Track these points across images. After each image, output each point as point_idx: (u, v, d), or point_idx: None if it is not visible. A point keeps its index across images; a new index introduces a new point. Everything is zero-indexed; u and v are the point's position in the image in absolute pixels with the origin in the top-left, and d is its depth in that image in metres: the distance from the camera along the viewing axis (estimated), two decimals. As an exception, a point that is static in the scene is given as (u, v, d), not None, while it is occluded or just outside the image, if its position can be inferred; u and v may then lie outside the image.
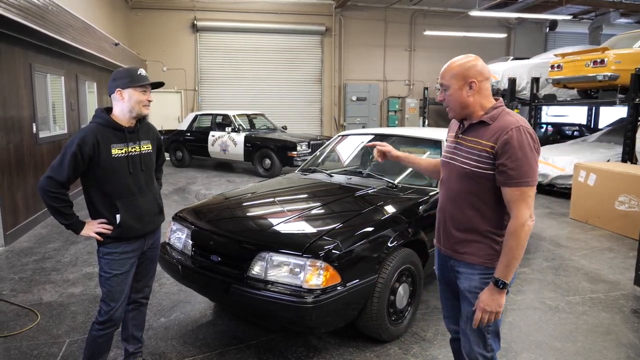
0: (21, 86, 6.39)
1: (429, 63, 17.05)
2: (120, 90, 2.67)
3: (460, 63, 2.13)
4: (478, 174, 2.10)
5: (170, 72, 15.21)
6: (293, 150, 10.70)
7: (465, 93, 2.12)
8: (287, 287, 3.03)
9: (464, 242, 2.22)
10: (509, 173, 2.00)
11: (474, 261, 2.19)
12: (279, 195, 4.34)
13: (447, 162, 2.28)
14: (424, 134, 4.93)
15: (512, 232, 2.02)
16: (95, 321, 2.79)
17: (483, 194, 2.13)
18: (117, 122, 2.71)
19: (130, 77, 2.67)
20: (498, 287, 2.05)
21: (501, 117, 2.10)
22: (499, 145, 2.02)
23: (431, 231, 3.93)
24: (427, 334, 3.71)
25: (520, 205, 2.01)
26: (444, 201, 2.31)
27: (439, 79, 2.23)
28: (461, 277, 2.26)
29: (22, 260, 5.35)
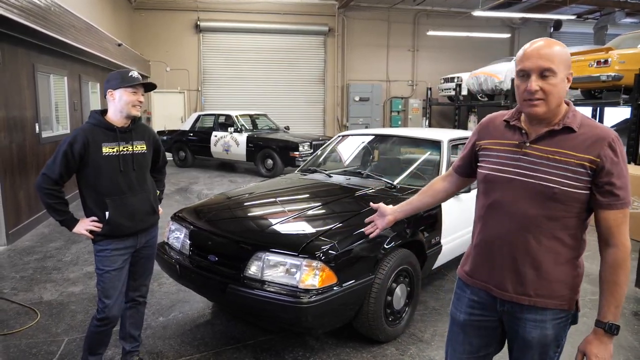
0: (24, 86, 6.43)
1: (432, 63, 17.09)
2: (111, 91, 2.76)
3: (564, 48, 1.69)
4: (569, 194, 1.67)
5: (174, 72, 15.29)
6: (295, 150, 10.71)
7: (565, 87, 1.69)
8: (283, 287, 3.03)
9: (537, 282, 1.77)
10: (616, 193, 1.64)
11: (546, 305, 1.77)
12: (278, 195, 4.35)
13: (509, 180, 1.78)
14: (424, 135, 4.92)
15: (620, 263, 1.66)
16: (94, 317, 2.85)
17: (568, 219, 1.71)
18: (110, 122, 2.79)
19: (120, 78, 2.74)
20: (612, 334, 1.68)
21: (587, 124, 1.71)
22: (606, 160, 1.63)
23: (431, 232, 3.95)
24: (424, 335, 3.70)
25: (623, 230, 1.67)
26: (505, 230, 1.80)
27: (535, 61, 1.66)
28: (527, 326, 1.80)
29: (24, 259, 5.38)
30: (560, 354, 1.88)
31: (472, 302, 1.93)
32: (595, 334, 1.71)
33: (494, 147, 1.84)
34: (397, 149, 5.56)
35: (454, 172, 2.15)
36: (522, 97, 1.71)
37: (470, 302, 1.94)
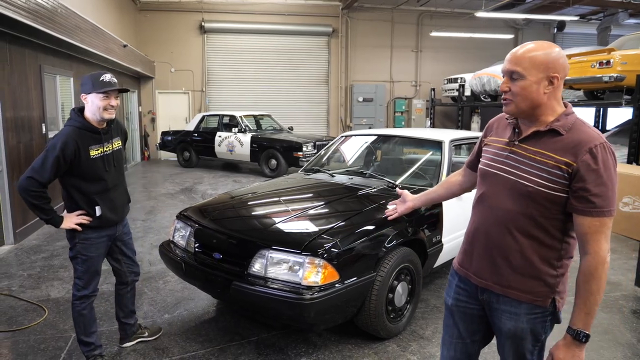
0: (31, 87, 6.52)
1: (435, 64, 17.12)
2: (84, 95, 2.85)
3: (546, 51, 1.70)
4: (544, 194, 1.72)
5: (178, 73, 15.36)
6: (299, 150, 10.76)
7: (542, 89, 1.71)
8: (286, 284, 3.09)
9: (511, 274, 1.83)
10: (591, 200, 1.64)
11: (521, 298, 1.82)
12: (281, 194, 4.41)
13: (494, 174, 1.87)
14: (425, 135, 4.97)
15: (591, 272, 1.66)
16: (74, 299, 3.05)
17: (545, 219, 1.75)
18: (92, 125, 2.90)
19: (92, 83, 2.81)
20: (579, 341, 1.69)
21: (578, 128, 1.71)
22: (582, 165, 1.64)
23: (432, 230, 4.00)
24: (425, 332, 3.75)
25: (599, 238, 1.66)
26: (486, 222, 1.90)
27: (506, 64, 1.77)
28: (502, 316, 1.88)
29: (31, 258, 5.46)
30: (542, 350, 1.92)
31: (459, 289, 2.04)
32: (564, 340, 1.73)
33: (492, 144, 1.94)
34: (400, 149, 5.61)
35: (466, 167, 2.29)
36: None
37: (457, 289, 2.05)
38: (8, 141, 5.80)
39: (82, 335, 3.15)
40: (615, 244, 6.19)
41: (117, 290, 3.42)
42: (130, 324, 3.48)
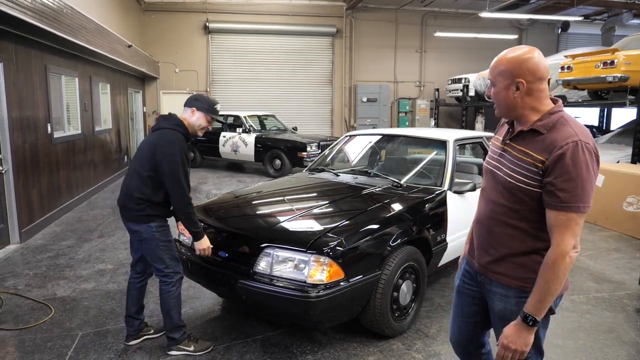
0: (36, 87, 6.55)
1: (439, 64, 17.11)
2: (195, 109, 3.29)
3: (510, 57, 1.83)
4: (522, 189, 1.82)
5: (183, 73, 15.38)
6: (303, 151, 10.76)
7: (511, 93, 1.84)
8: (292, 282, 3.10)
9: (500, 261, 1.96)
10: (557, 194, 1.71)
11: (509, 283, 1.93)
12: (286, 193, 4.42)
13: (490, 171, 2.01)
14: (430, 135, 4.98)
15: (550, 262, 1.73)
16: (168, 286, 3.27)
17: (526, 212, 1.85)
18: (189, 135, 3.29)
19: (208, 105, 3.32)
20: (527, 324, 1.76)
21: (558, 127, 1.79)
22: (550, 161, 1.73)
23: (437, 229, 4.01)
24: (430, 330, 3.76)
25: (564, 232, 1.71)
26: (483, 213, 2.05)
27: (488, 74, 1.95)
28: (494, 297, 2.01)
29: (37, 257, 5.48)
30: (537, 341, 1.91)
31: (465, 272, 2.23)
32: (514, 322, 1.82)
33: (494, 142, 2.09)
34: (404, 148, 5.62)
35: None
36: None
37: (463, 271, 2.24)
38: (14, 141, 5.83)
39: (178, 320, 3.33)
40: (619, 243, 6.18)
41: (134, 282, 3.49)
42: (140, 319, 3.53)
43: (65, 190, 7.58)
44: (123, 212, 3.28)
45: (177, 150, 3.09)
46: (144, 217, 3.19)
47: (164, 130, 3.19)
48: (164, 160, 3.09)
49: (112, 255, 5.56)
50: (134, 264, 3.50)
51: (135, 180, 3.19)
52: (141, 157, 3.21)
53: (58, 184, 7.30)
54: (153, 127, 3.34)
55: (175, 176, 3.08)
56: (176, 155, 3.08)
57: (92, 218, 7.36)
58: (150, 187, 3.16)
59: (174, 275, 3.28)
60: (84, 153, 8.59)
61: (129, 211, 3.23)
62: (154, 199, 3.18)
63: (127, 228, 3.31)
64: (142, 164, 3.18)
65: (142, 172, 3.16)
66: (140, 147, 3.29)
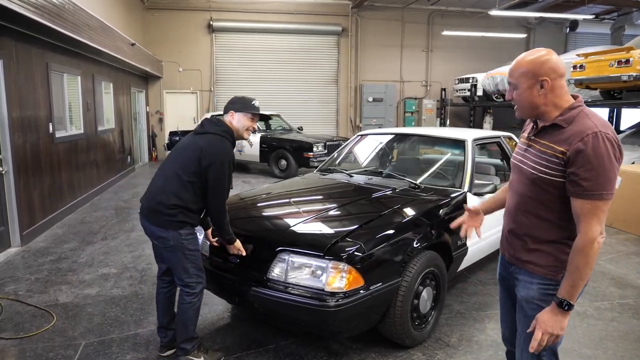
0: (38, 86, 6.38)
1: (446, 64, 16.91)
2: (232, 112, 3.12)
3: (530, 59, 1.94)
4: (545, 180, 1.93)
5: (186, 72, 15.22)
6: (309, 151, 10.62)
7: (535, 92, 1.93)
8: (309, 290, 2.92)
9: (527, 250, 2.07)
10: (581, 184, 1.81)
11: (535, 271, 2.04)
12: (299, 195, 4.24)
13: (516, 165, 2.13)
14: (448, 134, 4.79)
15: (579, 249, 1.83)
16: (190, 297, 3.05)
17: (550, 202, 1.96)
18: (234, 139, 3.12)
19: (244, 104, 3.14)
20: (562, 309, 1.86)
21: (578, 120, 1.89)
22: (572, 152, 1.83)
23: (457, 233, 3.82)
24: (451, 339, 3.59)
25: (590, 219, 1.81)
26: (510, 206, 2.18)
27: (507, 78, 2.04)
28: (519, 285, 2.13)
29: (38, 261, 5.31)
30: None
31: (501, 266, 2.35)
32: (550, 308, 1.90)
33: (521, 140, 2.19)
34: (419, 148, 5.44)
35: None
36: None
37: (500, 266, 2.35)
38: (14, 141, 5.65)
39: (192, 332, 3.14)
40: (637, 246, 6.01)
41: (163, 291, 3.30)
42: (174, 329, 3.29)
43: (67, 191, 7.41)
44: (150, 215, 3.03)
45: (227, 159, 2.95)
46: (175, 223, 2.96)
47: (212, 135, 3.02)
48: (211, 168, 2.92)
49: (116, 258, 5.38)
50: (161, 274, 3.29)
51: (174, 184, 2.98)
52: (184, 160, 3.01)
53: (60, 185, 7.13)
54: (197, 130, 3.13)
55: (220, 187, 2.95)
56: (225, 164, 2.94)
57: (95, 220, 7.19)
58: (191, 193, 2.97)
59: (196, 285, 3.07)
60: (86, 153, 8.42)
61: (158, 215, 2.99)
62: (190, 205, 2.99)
63: (149, 232, 3.08)
64: (184, 167, 2.97)
65: (183, 176, 2.95)
66: (182, 149, 3.09)
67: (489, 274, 4.91)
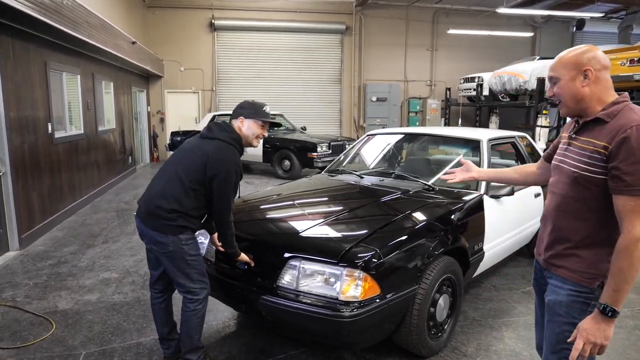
0: (36, 85, 6.21)
1: (451, 63, 16.72)
2: (242, 118, 2.95)
3: (571, 53, 1.89)
4: (587, 178, 1.83)
5: (188, 72, 15.04)
6: (313, 151, 10.45)
7: (579, 83, 1.85)
8: (321, 299, 2.76)
9: (564, 255, 1.95)
10: (623, 179, 1.70)
11: (568, 277, 1.92)
12: (307, 197, 4.07)
13: (557, 166, 2.03)
14: (461, 134, 4.62)
15: (623, 249, 1.71)
16: (194, 304, 2.90)
17: (592, 202, 1.84)
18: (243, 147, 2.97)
19: (255, 109, 2.97)
20: (605, 315, 1.71)
21: (622, 115, 1.80)
22: (614, 145, 1.73)
23: (474, 237, 3.66)
24: (468, 348, 3.42)
25: (634, 218, 1.69)
26: (549, 208, 2.05)
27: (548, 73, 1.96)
28: (548, 289, 2.02)
29: (37, 265, 5.14)
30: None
31: (535, 270, 2.21)
32: (592, 315, 1.77)
33: (562, 140, 2.07)
34: (432, 149, 5.26)
35: (543, 159, 2.32)
36: None
37: (535, 270, 2.22)
38: (12, 141, 5.48)
39: (198, 341, 2.99)
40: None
41: (157, 302, 3.13)
42: (176, 338, 3.14)
43: (67, 192, 7.25)
44: (147, 218, 2.85)
45: (233, 169, 2.80)
46: (174, 228, 2.79)
47: (220, 142, 2.85)
48: (217, 178, 2.77)
49: (117, 262, 5.21)
50: (153, 282, 3.11)
51: (175, 188, 2.80)
52: (188, 165, 2.84)
53: (60, 186, 6.97)
54: (204, 134, 2.96)
55: (225, 197, 2.81)
56: (231, 174, 2.79)
57: (95, 222, 7.03)
58: (192, 200, 2.81)
59: (200, 291, 2.91)
60: (87, 154, 8.25)
61: (155, 219, 2.80)
62: (191, 212, 2.83)
63: (145, 237, 2.90)
64: (188, 173, 2.80)
65: (186, 182, 2.79)
66: (187, 152, 2.93)
67: (503, 279, 4.74)
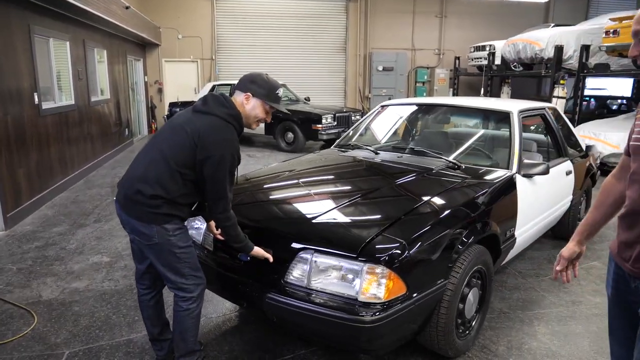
0: (19, 51, 5.72)
1: (460, 31, 16.09)
2: (249, 95, 2.51)
3: None
4: None
5: (186, 40, 14.57)
6: (318, 123, 10.03)
7: None
8: (337, 299, 2.36)
9: None
10: None
11: None
12: (318, 176, 3.64)
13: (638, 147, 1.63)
14: (489, 105, 4.17)
15: None
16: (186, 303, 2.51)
17: None
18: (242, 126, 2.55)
19: (268, 90, 2.54)
20: None
21: None
22: None
23: (506, 223, 3.24)
24: (498, 347, 3.05)
25: None
26: (636, 201, 1.61)
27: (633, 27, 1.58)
28: None
29: (23, 247, 4.76)
30: None
31: (616, 276, 1.78)
32: None
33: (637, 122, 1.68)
34: (453, 121, 4.81)
35: (625, 155, 1.82)
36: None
37: (614, 276, 1.79)
38: (-6, 113, 5.04)
39: (193, 344, 2.60)
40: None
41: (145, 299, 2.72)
42: (169, 338, 2.76)
43: (58, 167, 6.82)
44: (127, 205, 2.41)
45: (229, 152, 2.35)
46: (158, 217, 2.35)
47: (215, 119, 2.39)
48: (208, 162, 2.32)
49: (109, 244, 4.82)
50: (139, 277, 2.69)
51: (159, 170, 2.34)
52: (175, 144, 2.36)
53: (50, 161, 6.53)
54: (197, 107, 2.48)
55: (220, 184, 2.36)
56: (226, 157, 2.34)
57: (89, 199, 6.62)
58: (180, 186, 2.37)
59: (194, 288, 2.50)
60: (79, 126, 7.79)
61: (136, 205, 2.36)
62: (178, 199, 2.40)
63: (127, 226, 2.46)
64: (174, 153, 2.34)
65: (172, 165, 2.33)
66: (175, 128, 2.43)
67: (527, 264, 4.38)
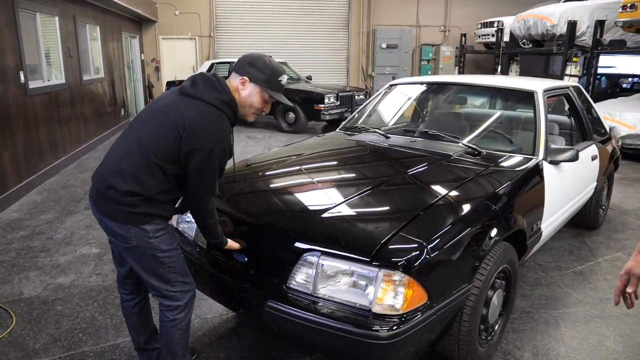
0: (1, 27, 5.34)
1: (467, 7, 15.61)
2: (246, 79, 2.16)
3: None
4: None
5: (183, 16, 14.22)
6: (320, 102, 9.69)
7: None
8: (348, 310, 2.05)
9: None
10: None
11: None
12: (323, 163, 3.31)
13: None
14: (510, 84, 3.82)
15: None
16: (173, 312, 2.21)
17: None
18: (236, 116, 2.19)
19: (268, 76, 2.17)
20: None
21: None
22: None
23: (533, 215, 2.92)
24: (523, 353, 2.77)
25: None
26: None
27: None
28: None
29: (7, 237, 4.46)
30: None
31: None
32: None
33: None
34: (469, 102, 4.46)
35: None
36: None
37: None
38: (-25, 92, 4.69)
39: (182, 357, 2.31)
40: None
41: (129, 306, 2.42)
42: (157, 347, 2.47)
43: (47, 150, 6.49)
44: (99, 202, 2.08)
45: (220, 144, 2.03)
46: (135, 217, 2.03)
47: (206, 105, 2.05)
48: (196, 155, 1.99)
49: (98, 234, 4.52)
50: (121, 281, 2.37)
51: (135, 161, 2.02)
52: (156, 133, 2.02)
53: (39, 144, 6.20)
54: (185, 89, 2.14)
55: (207, 180, 2.06)
56: (216, 152, 2.02)
57: (80, 183, 6.31)
58: (160, 180, 2.04)
59: (181, 296, 2.20)
60: (70, 106, 7.43)
61: (109, 202, 2.03)
62: (158, 197, 2.07)
63: (103, 226, 2.14)
64: (154, 144, 2.01)
65: (152, 157, 2.00)
66: (156, 113, 2.11)
67: (547, 255, 4.09)
